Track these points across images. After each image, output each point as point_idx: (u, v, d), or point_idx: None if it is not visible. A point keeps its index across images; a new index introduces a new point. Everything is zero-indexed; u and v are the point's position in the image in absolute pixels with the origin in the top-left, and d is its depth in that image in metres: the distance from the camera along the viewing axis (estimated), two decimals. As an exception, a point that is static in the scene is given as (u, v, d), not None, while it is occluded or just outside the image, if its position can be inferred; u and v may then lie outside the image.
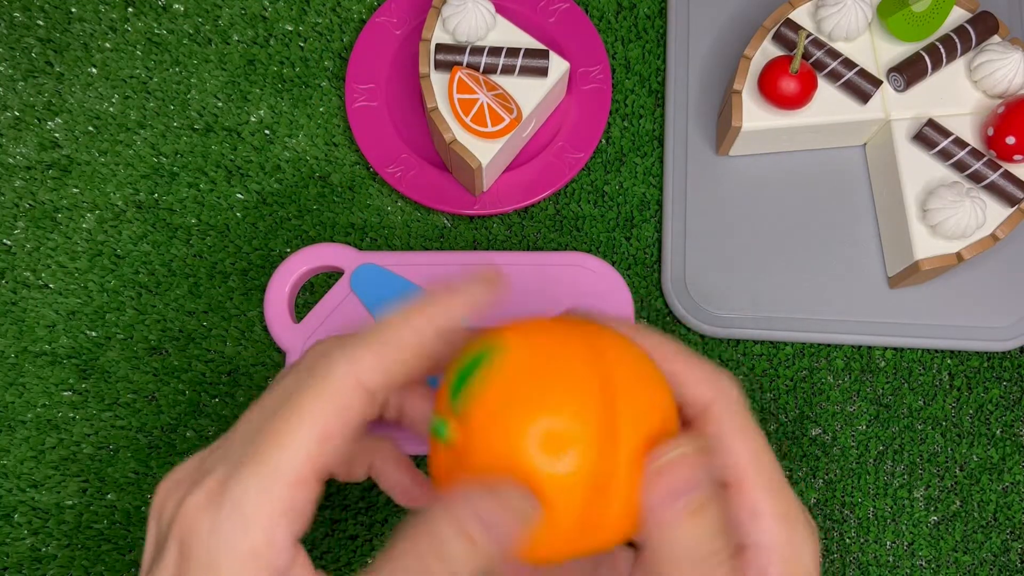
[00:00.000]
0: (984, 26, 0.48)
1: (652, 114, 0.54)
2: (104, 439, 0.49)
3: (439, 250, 0.51)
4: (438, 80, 0.48)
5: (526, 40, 0.49)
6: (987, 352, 0.51)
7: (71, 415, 0.50)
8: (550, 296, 0.49)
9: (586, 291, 0.49)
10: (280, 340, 0.49)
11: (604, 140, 0.54)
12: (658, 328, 0.29)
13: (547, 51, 0.49)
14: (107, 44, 0.55)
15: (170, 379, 0.50)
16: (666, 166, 0.53)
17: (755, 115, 0.49)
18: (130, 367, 0.50)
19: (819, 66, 0.48)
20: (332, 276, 0.51)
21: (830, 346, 0.51)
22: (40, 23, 0.55)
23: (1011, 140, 0.45)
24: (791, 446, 0.50)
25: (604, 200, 0.53)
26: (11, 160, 0.53)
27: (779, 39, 0.49)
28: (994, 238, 0.46)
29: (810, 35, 0.48)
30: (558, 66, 0.49)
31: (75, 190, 0.53)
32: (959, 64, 0.49)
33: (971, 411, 0.50)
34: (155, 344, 0.51)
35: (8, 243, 0.52)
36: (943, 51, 0.48)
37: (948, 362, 0.51)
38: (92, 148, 0.53)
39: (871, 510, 0.49)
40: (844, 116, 0.49)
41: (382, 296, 0.49)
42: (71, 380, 0.50)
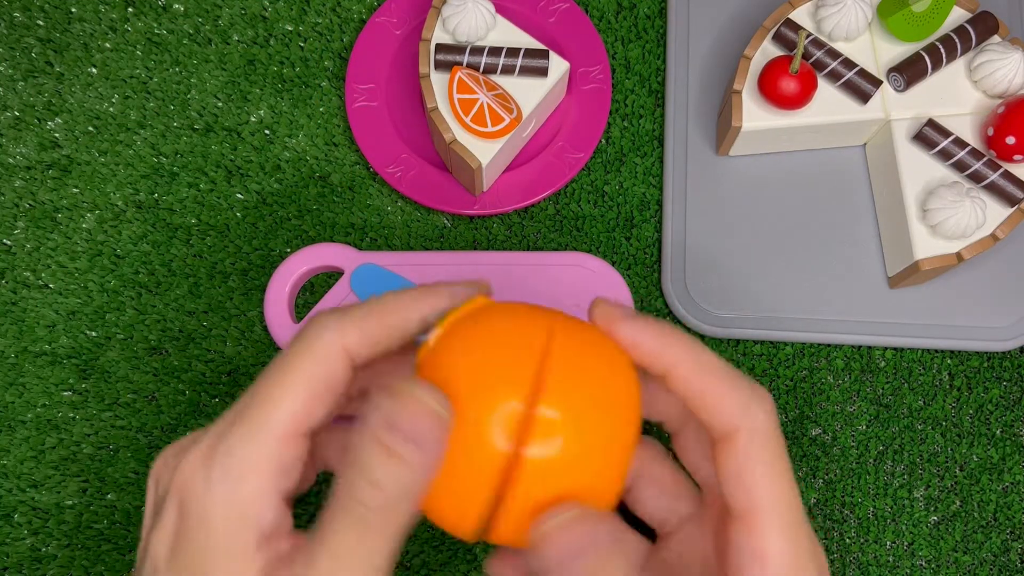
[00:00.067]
0: (984, 26, 0.48)
1: (652, 114, 0.54)
2: (104, 439, 0.49)
3: (439, 250, 0.51)
4: (438, 80, 0.48)
5: (526, 40, 0.49)
6: (987, 352, 0.51)
7: (71, 415, 0.50)
8: (550, 296, 0.49)
9: (586, 291, 0.49)
10: (280, 340, 0.49)
11: (604, 140, 0.54)
12: (691, 337, 0.28)
13: (547, 51, 0.49)
14: (107, 44, 0.55)
15: (170, 379, 0.50)
16: (666, 166, 0.53)
17: (755, 115, 0.49)
18: (130, 367, 0.50)
19: (819, 66, 0.48)
20: (332, 276, 0.51)
21: (830, 346, 0.51)
22: (40, 23, 0.55)
23: (1011, 140, 0.45)
24: (791, 446, 0.50)
25: (604, 200, 0.53)
26: (11, 160, 0.53)
27: (779, 39, 0.49)
28: (994, 238, 0.46)
29: (810, 35, 0.48)
30: (558, 66, 0.49)
31: (75, 190, 0.53)
32: (959, 64, 0.49)
33: (971, 411, 0.50)
34: (155, 344, 0.51)
35: (8, 243, 0.52)
36: (943, 51, 0.48)
37: (948, 362, 0.51)
38: (92, 148, 0.53)
39: (871, 510, 0.49)
40: (844, 116, 0.49)
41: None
42: (71, 380, 0.50)
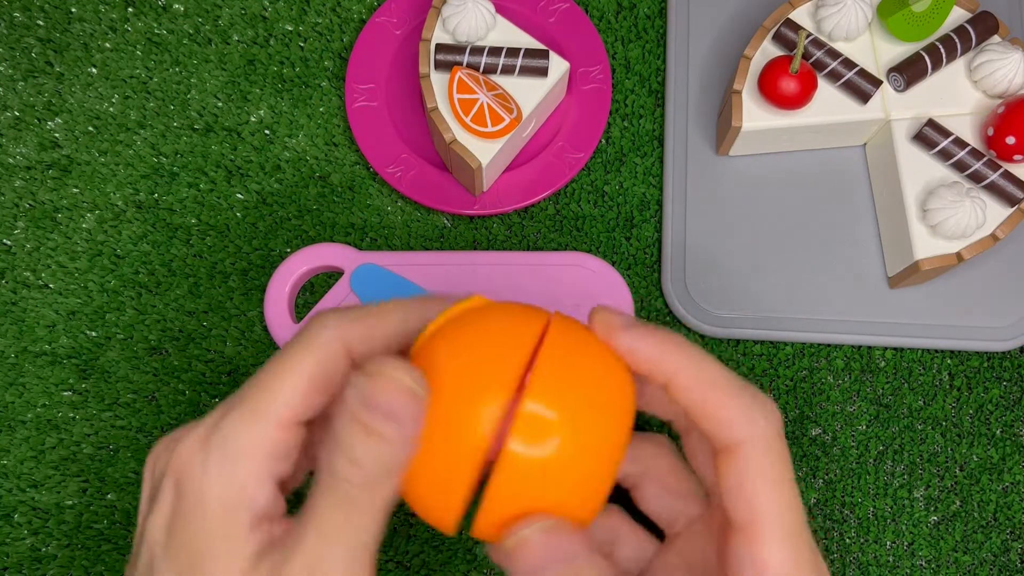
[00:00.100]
0: (984, 26, 0.48)
1: (652, 114, 0.54)
2: (104, 439, 0.49)
3: (439, 250, 0.51)
4: (438, 80, 0.48)
5: (526, 40, 0.49)
6: (987, 352, 0.51)
7: (71, 415, 0.50)
8: (550, 296, 0.49)
9: (586, 291, 0.49)
10: (280, 340, 0.49)
11: (604, 140, 0.54)
12: (695, 345, 0.27)
13: (547, 51, 0.49)
14: (107, 44, 0.55)
15: (170, 379, 0.50)
16: (666, 166, 0.53)
17: (755, 115, 0.49)
18: (130, 367, 0.50)
19: (819, 66, 0.48)
20: (332, 276, 0.51)
21: (830, 346, 0.51)
22: (40, 23, 0.55)
23: (1011, 140, 0.45)
24: (791, 446, 0.50)
25: (604, 200, 0.53)
26: (11, 160, 0.53)
27: (779, 39, 0.49)
28: (994, 238, 0.46)
29: (810, 35, 0.48)
30: (558, 66, 0.49)
31: (75, 190, 0.53)
32: (959, 64, 0.49)
33: (971, 411, 0.50)
34: (155, 344, 0.51)
35: (8, 243, 0.52)
36: (943, 51, 0.48)
37: (948, 362, 0.51)
38: (92, 148, 0.53)
39: (871, 510, 0.49)
40: (844, 116, 0.49)
41: (382, 296, 0.49)
42: (71, 380, 0.50)
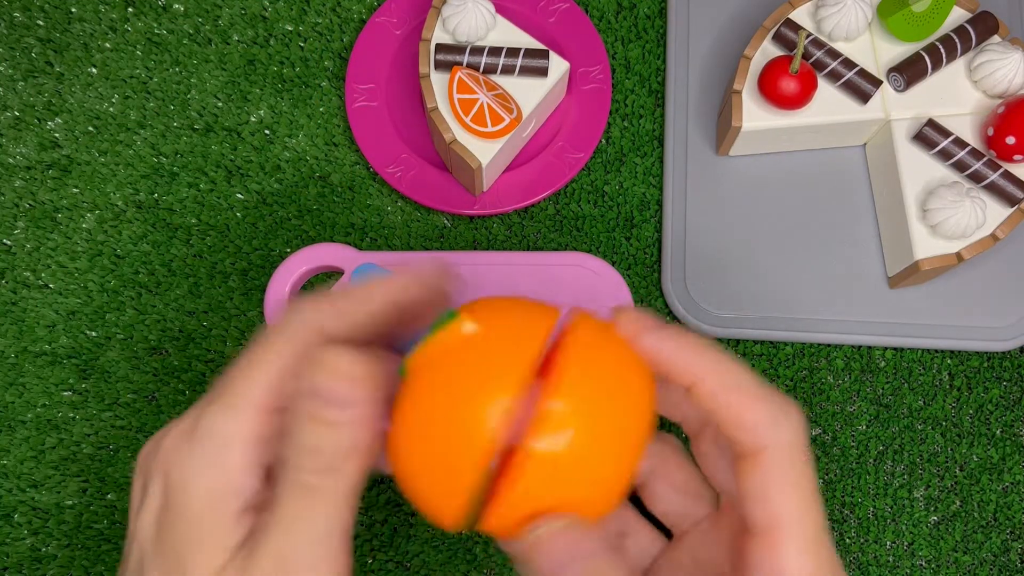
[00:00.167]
0: (984, 26, 0.48)
1: (652, 114, 0.54)
2: (104, 439, 0.49)
3: (439, 250, 0.51)
4: (438, 80, 0.48)
5: (526, 40, 0.49)
6: (987, 352, 0.51)
7: (71, 415, 0.50)
8: (550, 296, 0.49)
9: (586, 291, 0.49)
10: (280, 340, 0.49)
11: (604, 140, 0.54)
12: (720, 349, 0.27)
13: (547, 51, 0.49)
14: (107, 44, 0.55)
15: (170, 379, 0.50)
16: (666, 166, 0.53)
17: (755, 115, 0.49)
18: (130, 367, 0.50)
19: (819, 66, 0.48)
20: (332, 276, 0.51)
21: (830, 346, 0.51)
22: (40, 23, 0.55)
23: (1011, 140, 0.45)
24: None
25: (604, 200, 0.53)
26: (11, 160, 0.53)
27: (779, 39, 0.49)
28: (994, 238, 0.46)
29: (810, 35, 0.48)
30: (558, 66, 0.49)
31: (75, 190, 0.53)
32: (959, 64, 0.49)
33: (971, 411, 0.50)
34: (155, 344, 0.51)
35: (8, 243, 0.52)
36: (943, 51, 0.48)
37: (948, 362, 0.51)
38: (92, 148, 0.53)
39: (871, 510, 0.49)
40: (844, 116, 0.49)
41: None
42: (71, 380, 0.50)
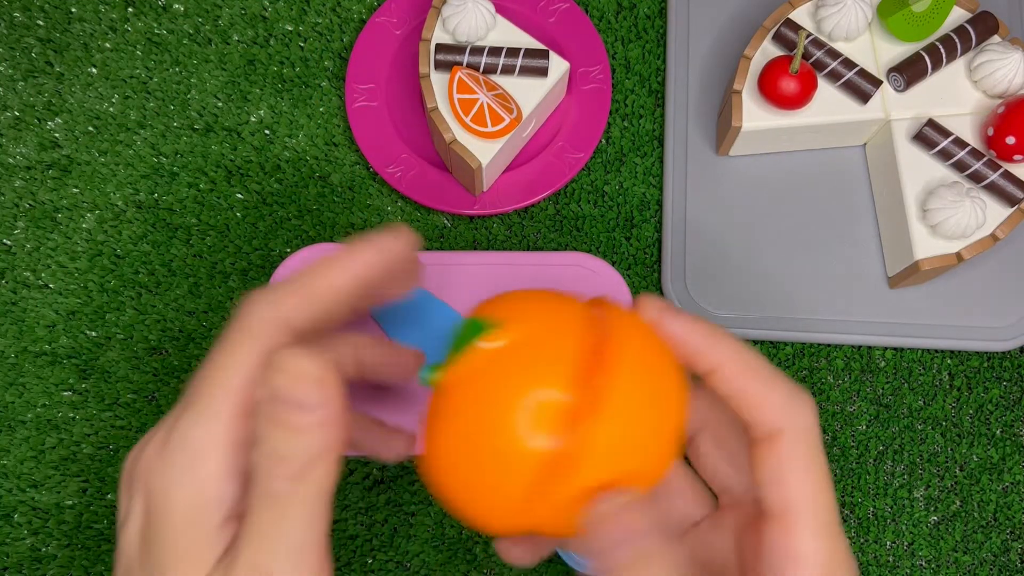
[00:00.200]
0: (984, 26, 0.48)
1: (652, 114, 0.54)
2: (104, 439, 0.49)
3: (439, 250, 0.51)
4: (438, 80, 0.48)
5: (526, 40, 0.49)
6: (987, 352, 0.51)
7: (71, 415, 0.50)
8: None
9: (586, 291, 0.49)
10: (280, 340, 0.49)
11: (604, 140, 0.54)
12: (736, 337, 0.27)
13: (547, 51, 0.49)
14: (107, 44, 0.55)
15: (170, 379, 0.50)
16: (666, 166, 0.53)
17: (755, 115, 0.49)
18: (130, 367, 0.50)
19: (819, 66, 0.48)
20: (332, 276, 0.51)
21: (830, 346, 0.51)
22: (40, 23, 0.55)
23: (1011, 140, 0.45)
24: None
25: (604, 200, 0.53)
26: (11, 160, 0.53)
27: (779, 39, 0.49)
28: (994, 238, 0.46)
29: (810, 35, 0.48)
30: (558, 66, 0.49)
31: (75, 190, 0.53)
32: (959, 64, 0.49)
33: (971, 411, 0.50)
34: (155, 344, 0.51)
35: (8, 243, 0.52)
36: (943, 51, 0.48)
37: (948, 362, 0.51)
38: (92, 148, 0.53)
39: (871, 510, 0.49)
40: (844, 116, 0.49)
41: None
42: (71, 380, 0.50)
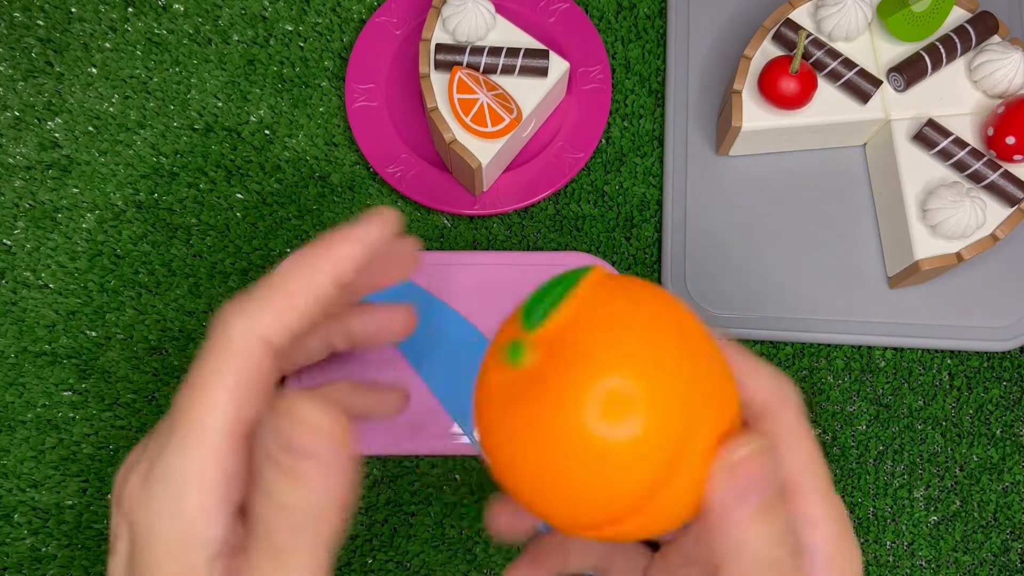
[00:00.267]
0: (984, 26, 0.48)
1: (652, 114, 0.54)
2: (104, 439, 0.49)
3: (439, 250, 0.51)
4: (438, 80, 0.48)
5: (526, 40, 0.49)
6: (987, 352, 0.50)
7: (71, 415, 0.50)
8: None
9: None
10: (280, 340, 0.49)
11: (604, 140, 0.54)
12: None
13: (547, 51, 0.49)
14: (107, 44, 0.55)
15: (170, 379, 0.50)
16: (666, 166, 0.53)
17: (755, 115, 0.49)
18: (130, 367, 0.50)
19: (819, 66, 0.48)
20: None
21: (830, 346, 0.51)
22: (40, 23, 0.55)
23: (1011, 140, 0.45)
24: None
25: (604, 200, 0.53)
26: (11, 160, 0.53)
27: (779, 39, 0.49)
28: (994, 238, 0.46)
29: (810, 35, 0.48)
30: (558, 66, 0.49)
31: (75, 190, 0.53)
32: (959, 64, 0.49)
33: (971, 411, 0.50)
34: (155, 344, 0.51)
35: (8, 243, 0.52)
36: (943, 51, 0.48)
37: (948, 362, 0.51)
38: (92, 148, 0.53)
39: (871, 510, 0.49)
40: (844, 116, 0.49)
41: (381, 296, 0.49)
42: (71, 380, 0.50)
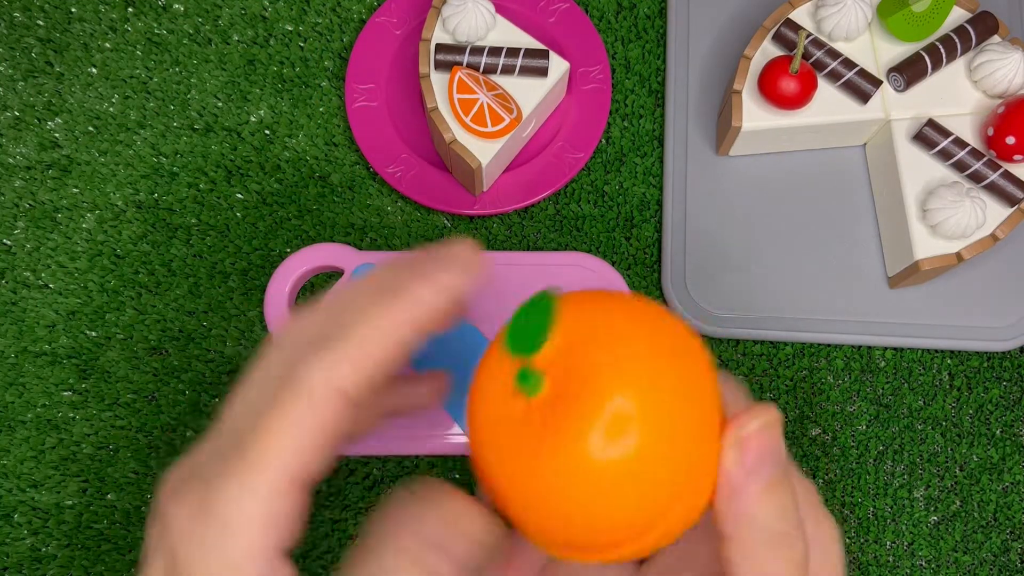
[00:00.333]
0: (984, 26, 0.48)
1: (652, 114, 0.54)
2: (104, 439, 0.49)
3: (439, 250, 0.51)
4: (438, 80, 0.48)
5: (526, 40, 0.49)
6: (987, 352, 0.51)
7: (71, 415, 0.50)
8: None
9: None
10: (280, 340, 0.49)
11: (604, 140, 0.54)
12: None
13: (547, 51, 0.49)
14: (107, 44, 0.55)
15: (170, 379, 0.50)
16: (666, 166, 0.53)
17: (755, 115, 0.49)
18: (130, 367, 0.50)
19: (819, 66, 0.48)
20: (332, 276, 0.51)
21: (830, 346, 0.51)
22: (40, 23, 0.55)
23: (1011, 140, 0.45)
24: (791, 446, 0.50)
25: (604, 200, 0.53)
26: (11, 160, 0.53)
27: (779, 39, 0.49)
28: (994, 238, 0.46)
29: (810, 35, 0.48)
30: (558, 66, 0.49)
31: (75, 190, 0.53)
32: (959, 64, 0.49)
33: (971, 411, 0.50)
34: (155, 344, 0.51)
35: (8, 243, 0.52)
36: (943, 51, 0.48)
37: (948, 362, 0.51)
38: (92, 148, 0.53)
39: (871, 510, 0.49)
40: (844, 116, 0.49)
41: None
42: (71, 380, 0.50)
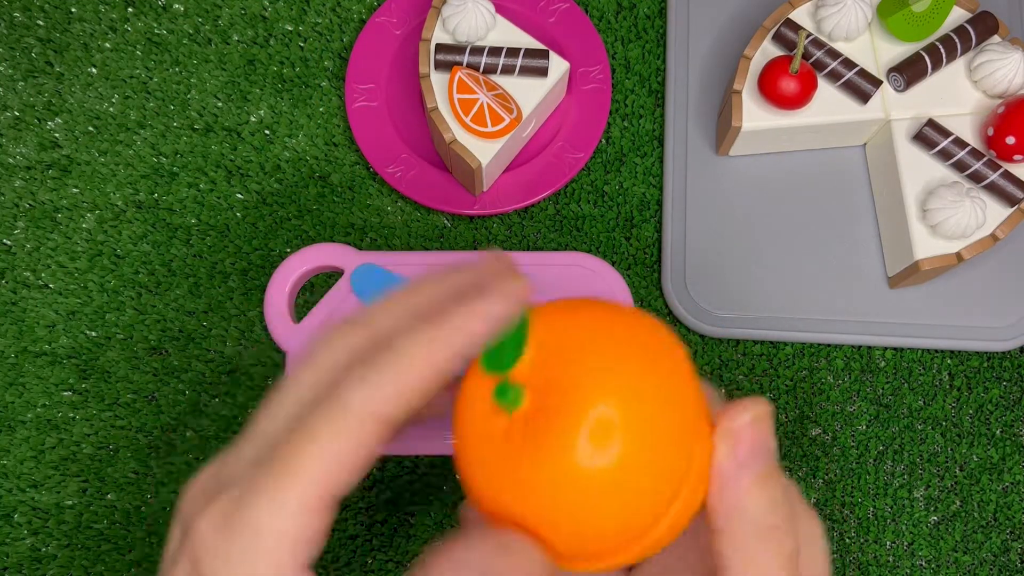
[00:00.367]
0: (984, 26, 0.48)
1: (652, 114, 0.54)
2: (104, 439, 0.49)
3: (439, 250, 0.51)
4: (438, 80, 0.48)
5: (526, 40, 0.49)
6: (987, 352, 0.51)
7: (71, 415, 0.50)
8: (550, 296, 0.49)
9: (586, 291, 0.49)
10: (280, 340, 0.49)
11: (604, 140, 0.54)
12: None
13: (547, 51, 0.49)
14: (107, 44, 0.55)
15: (170, 379, 0.50)
16: (666, 166, 0.53)
17: (755, 115, 0.49)
18: (130, 367, 0.50)
19: (819, 66, 0.48)
20: (332, 276, 0.51)
21: (830, 346, 0.51)
22: (40, 23, 0.55)
23: (1011, 140, 0.45)
24: (791, 446, 0.50)
25: (604, 200, 0.53)
26: (11, 160, 0.53)
27: (779, 39, 0.49)
28: (994, 238, 0.46)
29: (810, 35, 0.48)
30: (558, 66, 0.49)
31: (75, 190, 0.53)
32: (959, 64, 0.49)
33: (971, 411, 0.50)
34: (155, 344, 0.51)
35: (8, 243, 0.52)
36: (943, 51, 0.48)
37: (948, 362, 0.51)
38: (92, 148, 0.53)
39: (871, 510, 0.49)
40: (844, 116, 0.49)
41: (379, 289, 0.49)
42: (71, 380, 0.50)
